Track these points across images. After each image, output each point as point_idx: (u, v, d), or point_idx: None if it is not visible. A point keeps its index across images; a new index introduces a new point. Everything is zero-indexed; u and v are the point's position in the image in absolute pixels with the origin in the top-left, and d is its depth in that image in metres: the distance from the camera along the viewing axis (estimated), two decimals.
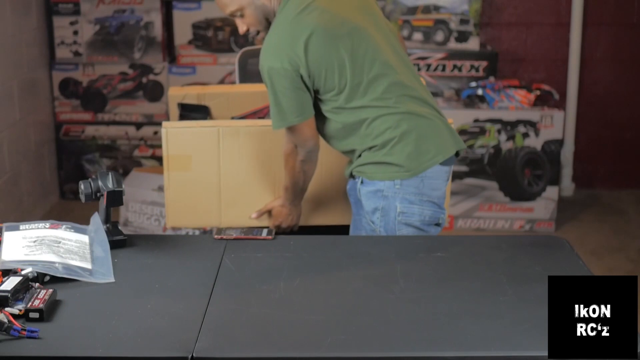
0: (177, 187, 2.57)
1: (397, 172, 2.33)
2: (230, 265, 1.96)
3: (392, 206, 2.34)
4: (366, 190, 2.38)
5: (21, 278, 1.71)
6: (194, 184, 2.57)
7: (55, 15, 4.78)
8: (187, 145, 2.55)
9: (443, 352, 1.57)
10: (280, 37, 2.31)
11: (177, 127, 2.58)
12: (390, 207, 2.35)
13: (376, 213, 2.36)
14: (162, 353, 1.55)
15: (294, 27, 2.30)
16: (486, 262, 2.00)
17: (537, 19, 4.88)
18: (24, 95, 4.47)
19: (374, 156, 2.35)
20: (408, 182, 2.33)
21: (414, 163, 2.32)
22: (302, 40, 2.28)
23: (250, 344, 1.60)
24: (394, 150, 2.32)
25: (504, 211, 4.57)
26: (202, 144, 2.56)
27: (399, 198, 2.34)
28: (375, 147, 2.34)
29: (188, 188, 2.57)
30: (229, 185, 2.58)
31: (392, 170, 2.33)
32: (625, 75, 4.99)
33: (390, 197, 2.34)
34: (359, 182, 2.40)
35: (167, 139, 2.54)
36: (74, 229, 2.02)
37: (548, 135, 4.47)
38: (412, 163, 2.32)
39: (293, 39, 2.29)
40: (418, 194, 2.34)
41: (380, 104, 2.33)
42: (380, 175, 2.35)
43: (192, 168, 2.55)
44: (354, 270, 1.96)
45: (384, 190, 2.34)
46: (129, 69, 4.84)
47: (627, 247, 4.33)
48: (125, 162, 4.92)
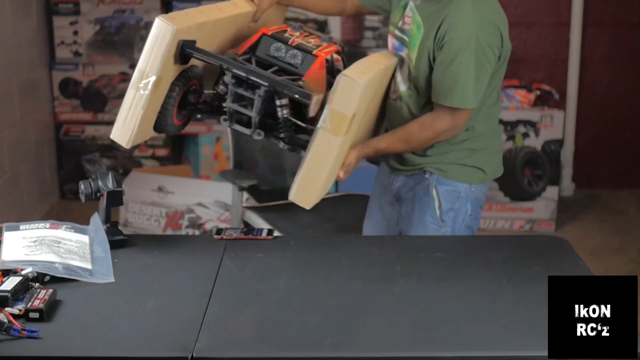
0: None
1: (480, 178, 2.39)
2: (230, 265, 1.96)
3: (464, 208, 2.38)
4: (444, 189, 2.38)
5: (21, 278, 1.71)
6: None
7: (55, 15, 4.77)
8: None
9: (443, 352, 1.57)
10: (494, 13, 2.23)
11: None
12: (462, 208, 2.38)
13: (450, 213, 2.38)
14: (162, 353, 1.55)
15: (498, 10, 2.25)
16: (486, 262, 2.00)
17: (537, 19, 4.88)
18: (24, 95, 4.47)
19: (465, 158, 2.37)
20: (479, 187, 2.40)
21: (493, 172, 2.43)
22: (506, 29, 2.25)
23: (250, 344, 1.60)
24: (485, 156, 2.39)
25: (504, 211, 4.57)
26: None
27: (470, 200, 2.38)
28: (471, 150, 2.36)
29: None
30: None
31: (477, 175, 2.39)
32: (625, 75, 4.99)
33: (464, 198, 2.38)
34: (432, 178, 2.38)
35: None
36: (74, 229, 2.02)
37: (548, 135, 4.47)
38: (493, 172, 2.43)
39: (503, 22, 2.24)
40: (481, 200, 2.42)
41: (490, 110, 2.37)
42: (463, 177, 2.37)
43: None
44: (354, 270, 1.96)
45: (461, 191, 2.38)
46: (129, 69, 4.84)
47: (627, 247, 4.33)
48: (125, 162, 4.92)
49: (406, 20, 2.34)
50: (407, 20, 2.33)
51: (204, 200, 4.09)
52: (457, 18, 2.19)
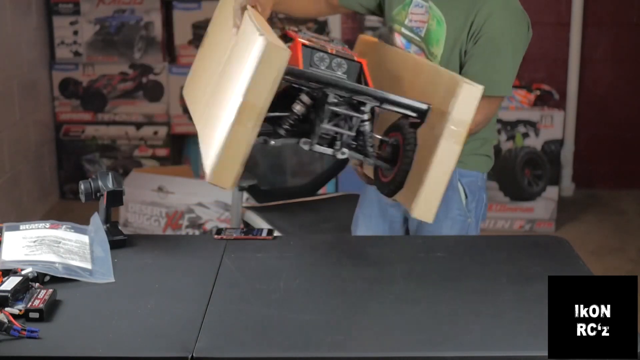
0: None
1: (489, 165, 2.46)
2: (230, 265, 1.96)
3: (482, 196, 2.45)
4: (467, 180, 2.42)
5: (21, 278, 1.71)
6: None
7: (55, 15, 4.78)
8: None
9: (443, 352, 1.57)
10: (520, 3, 2.31)
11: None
12: (481, 197, 2.44)
13: (473, 203, 2.42)
14: (162, 353, 1.55)
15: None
16: (486, 262, 2.00)
17: (537, 19, 4.87)
18: (24, 95, 4.47)
19: (478, 148, 2.41)
20: (486, 175, 2.48)
21: (493, 159, 2.50)
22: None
23: (250, 344, 1.60)
24: (490, 145, 2.46)
25: (504, 211, 4.57)
26: None
27: (484, 188, 2.47)
28: (483, 139, 2.41)
29: None
30: None
31: (488, 163, 2.46)
32: (625, 75, 4.99)
33: (481, 187, 2.45)
34: (456, 171, 2.34)
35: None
36: (74, 229, 2.02)
37: (548, 135, 4.47)
38: (493, 159, 2.49)
39: (526, 15, 2.31)
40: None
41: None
42: (479, 166, 2.43)
43: None
44: (354, 270, 1.96)
45: (479, 180, 2.44)
46: (129, 69, 4.84)
47: (627, 247, 4.33)
48: (125, 162, 4.92)
49: (414, 18, 2.33)
50: (417, 18, 2.32)
51: (204, 200, 4.09)
52: (494, 10, 2.23)
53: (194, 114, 2.16)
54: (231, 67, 1.92)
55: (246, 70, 1.74)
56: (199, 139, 1.97)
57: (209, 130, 1.88)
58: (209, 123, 1.92)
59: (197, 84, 2.27)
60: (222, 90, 1.91)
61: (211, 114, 1.92)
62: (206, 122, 1.95)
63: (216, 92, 1.96)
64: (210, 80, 2.07)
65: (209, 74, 2.12)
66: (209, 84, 2.07)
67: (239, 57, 1.87)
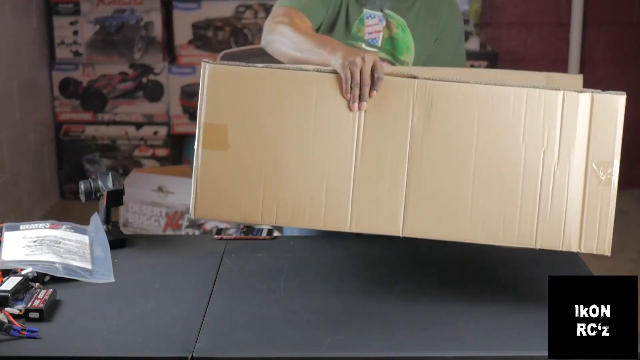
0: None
1: None
2: (230, 265, 1.96)
3: None
4: None
5: (21, 278, 1.71)
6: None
7: (55, 15, 4.78)
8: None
9: (443, 352, 1.57)
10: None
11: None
12: None
13: None
14: (162, 353, 1.55)
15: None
16: (486, 262, 2.00)
17: (537, 19, 4.88)
18: (24, 95, 4.47)
19: None
20: None
21: None
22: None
23: (250, 344, 1.60)
24: None
25: None
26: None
27: None
28: None
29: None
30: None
31: None
32: (625, 75, 4.99)
33: None
34: None
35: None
36: (74, 229, 2.02)
37: None
38: None
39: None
40: None
41: None
42: None
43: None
44: (354, 270, 1.96)
45: None
46: (129, 69, 4.84)
47: (627, 247, 4.33)
48: (125, 162, 4.92)
49: (369, 30, 2.26)
50: (372, 29, 2.27)
51: None
52: (452, 9, 2.34)
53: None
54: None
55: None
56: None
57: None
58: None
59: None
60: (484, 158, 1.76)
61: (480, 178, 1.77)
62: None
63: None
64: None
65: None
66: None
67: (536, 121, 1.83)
